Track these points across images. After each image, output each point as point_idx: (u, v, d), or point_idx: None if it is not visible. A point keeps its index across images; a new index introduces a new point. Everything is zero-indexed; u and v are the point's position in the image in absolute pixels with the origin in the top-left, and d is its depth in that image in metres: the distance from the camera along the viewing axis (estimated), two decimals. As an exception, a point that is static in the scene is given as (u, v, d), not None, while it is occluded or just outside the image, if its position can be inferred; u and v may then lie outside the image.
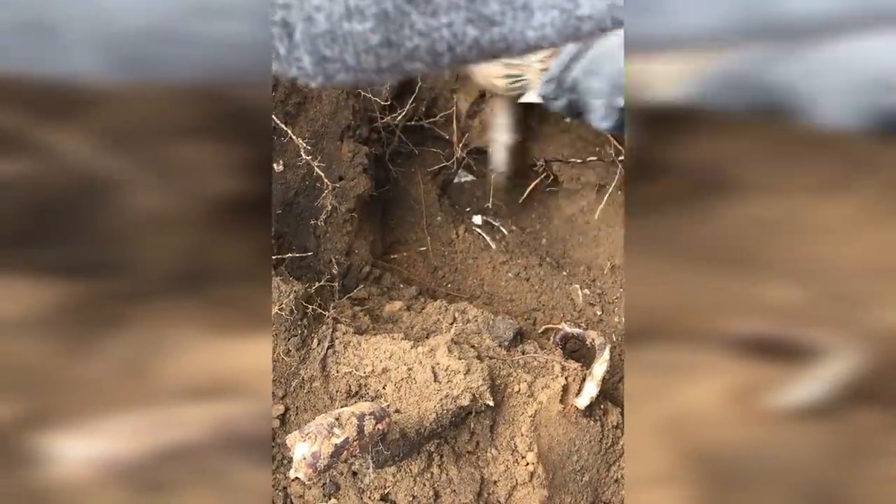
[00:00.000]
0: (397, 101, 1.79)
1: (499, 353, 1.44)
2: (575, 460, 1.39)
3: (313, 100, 1.61)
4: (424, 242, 2.12)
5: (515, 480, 1.32)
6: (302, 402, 1.34)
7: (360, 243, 1.82)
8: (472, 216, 2.15)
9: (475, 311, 1.54)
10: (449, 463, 1.31)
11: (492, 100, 1.78)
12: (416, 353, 1.31)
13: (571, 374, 1.41)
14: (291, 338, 1.34)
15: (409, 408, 1.25)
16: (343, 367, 1.34)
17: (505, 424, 1.35)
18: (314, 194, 1.62)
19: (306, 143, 1.50)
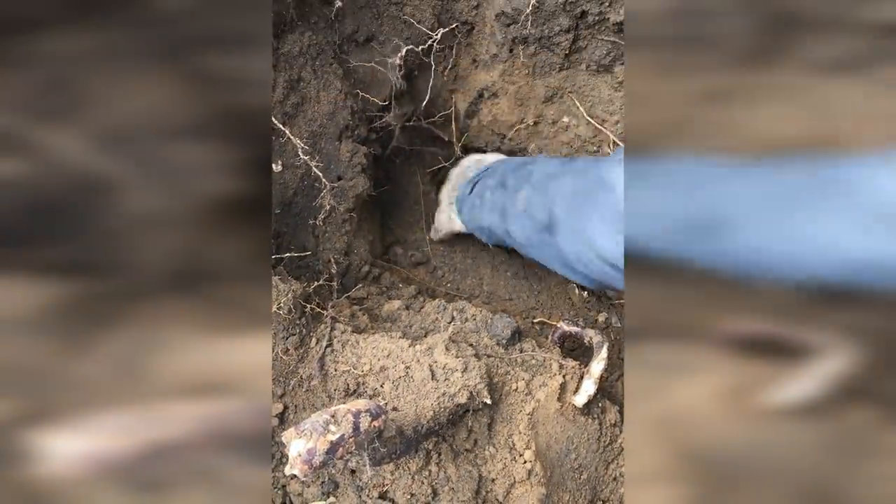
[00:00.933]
0: (396, 101, 1.79)
1: (497, 351, 1.44)
2: (573, 458, 1.39)
3: (311, 100, 1.62)
4: (423, 242, 2.13)
5: (513, 478, 1.32)
6: (300, 400, 1.34)
7: (359, 243, 1.83)
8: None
9: (473, 310, 1.54)
10: (447, 461, 1.31)
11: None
12: (413, 352, 1.32)
13: (569, 373, 1.41)
14: (290, 337, 1.35)
15: (407, 406, 1.25)
16: (341, 366, 1.35)
17: (503, 422, 1.35)
18: (313, 194, 1.62)
19: (304, 143, 1.51)
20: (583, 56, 1.73)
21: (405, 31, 1.73)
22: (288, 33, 1.56)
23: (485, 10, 1.72)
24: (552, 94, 1.82)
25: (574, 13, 1.64)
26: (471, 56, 1.83)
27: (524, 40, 1.73)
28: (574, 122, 1.86)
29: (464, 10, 1.73)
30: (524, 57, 1.75)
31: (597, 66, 1.73)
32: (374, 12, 1.71)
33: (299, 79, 1.59)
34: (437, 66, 1.77)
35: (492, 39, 1.76)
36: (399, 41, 1.70)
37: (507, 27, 1.71)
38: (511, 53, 1.77)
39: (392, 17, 1.72)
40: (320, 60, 1.62)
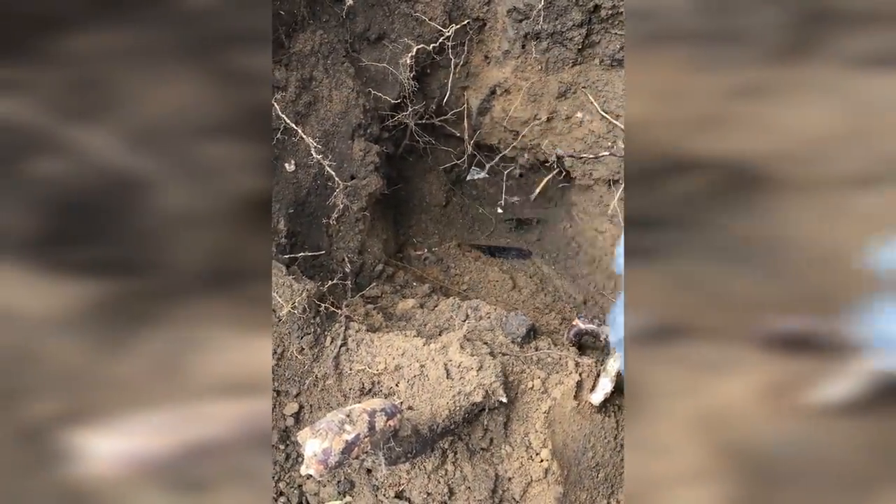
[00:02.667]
0: (408, 99, 1.79)
1: (512, 349, 1.43)
2: (590, 456, 1.38)
3: (323, 99, 1.62)
4: (437, 240, 2.12)
5: (530, 477, 1.31)
6: (316, 399, 1.34)
7: (373, 241, 1.83)
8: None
9: (488, 308, 1.53)
10: (463, 460, 1.31)
11: None
12: (428, 351, 1.31)
13: (585, 370, 1.40)
14: (305, 336, 1.35)
15: (422, 405, 1.24)
16: (356, 365, 1.34)
17: (519, 421, 1.34)
18: (326, 193, 1.62)
19: (317, 142, 1.51)
20: (596, 51, 1.72)
21: (416, 28, 1.72)
22: (299, 32, 1.56)
23: (496, 6, 1.71)
24: (565, 90, 1.81)
25: (587, 7, 1.62)
26: (483, 52, 1.82)
27: (536, 36, 1.71)
28: (588, 117, 1.84)
29: (475, 6, 1.72)
30: (536, 52, 1.74)
31: (610, 60, 1.71)
32: (385, 10, 1.70)
33: (311, 78, 1.59)
34: (449, 63, 1.76)
35: (504, 35, 1.75)
36: (410, 39, 1.69)
37: (518, 23, 1.70)
38: (523, 49, 1.75)
39: (403, 14, 1.71)
40: (332, 59, 1.62)
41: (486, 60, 1.83)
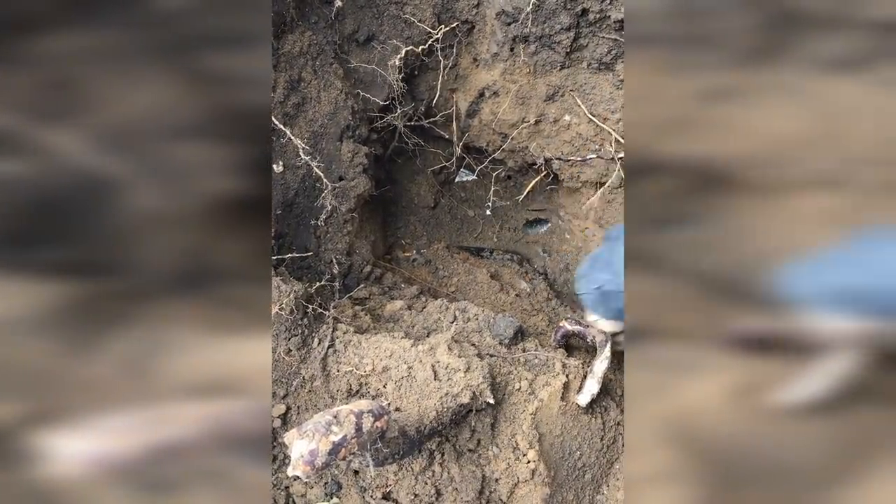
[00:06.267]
0: (396, 101, 1.79)
1: (499, 350, 1.43)
2: (577, 457, 1.39)
3: (312, 101, 1.62)
4: (426, 242, 2.13)
5: (517, 478, 1.32)
6: (303, 401, 1.34)
7: (361, 243, 1.82)
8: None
9: (476, 310, 1.53)
10: (450, 461, 1.31)
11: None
12: (416, 352, 1.31)
13: (572, 372, 1.40)
14: (292, 337, 1.34)
15: (410, 406, 1.24)
16: (343, 367, 1.34)
17: (506, 422, 1.34)
18: (314, 194, 1.62)
19: (305, 143, 1.51)
20: (584, 54, 1.73)
21: (406, 30, 1.72)
22: (288, 33, 1.56)
23: (485, 9, 1.72)
24: (553, 93, 1.82)
25: (575, 11, 1.63)
26: (471, 55, 1.82)
27: (525, 39, 1.72)
28: (576, 120, 1.85)
29: (464, 8, 1.73)
30: (525, 55, 1.75)
31: (598, 64, 1.72)
32: (374, 11, 1.70)
33: (300, 79, 1.59)
34: (438, 65, 1.76)
35: (492, 38, 1.76)
36: (399, 41, 1.70)
37: (507, 26, 1.71)
38: (512, 52, 1.76)
39: (392, 16, 1.71)
40: (321, 60, 1.61)
41: (474, 63, 1.84)
